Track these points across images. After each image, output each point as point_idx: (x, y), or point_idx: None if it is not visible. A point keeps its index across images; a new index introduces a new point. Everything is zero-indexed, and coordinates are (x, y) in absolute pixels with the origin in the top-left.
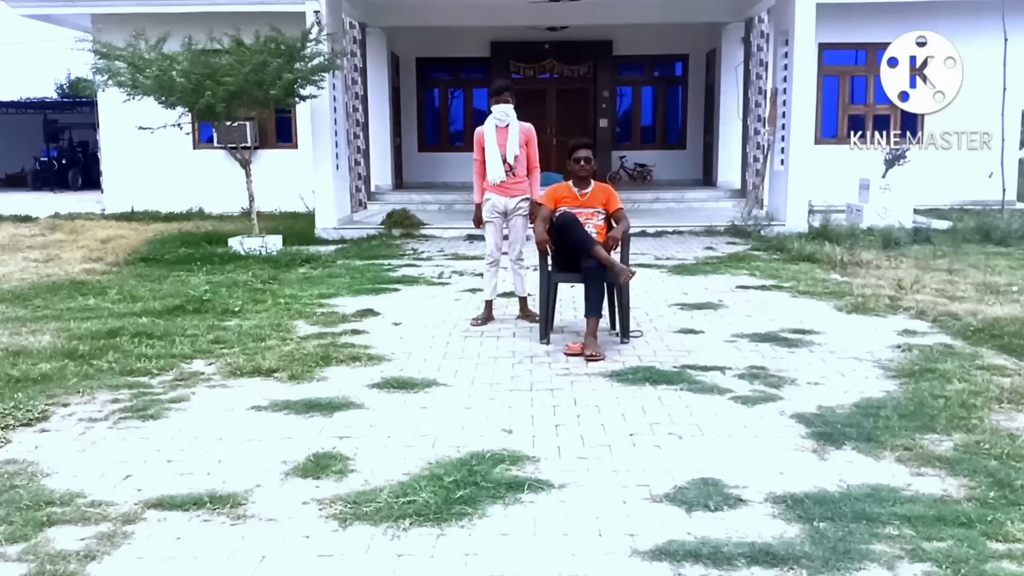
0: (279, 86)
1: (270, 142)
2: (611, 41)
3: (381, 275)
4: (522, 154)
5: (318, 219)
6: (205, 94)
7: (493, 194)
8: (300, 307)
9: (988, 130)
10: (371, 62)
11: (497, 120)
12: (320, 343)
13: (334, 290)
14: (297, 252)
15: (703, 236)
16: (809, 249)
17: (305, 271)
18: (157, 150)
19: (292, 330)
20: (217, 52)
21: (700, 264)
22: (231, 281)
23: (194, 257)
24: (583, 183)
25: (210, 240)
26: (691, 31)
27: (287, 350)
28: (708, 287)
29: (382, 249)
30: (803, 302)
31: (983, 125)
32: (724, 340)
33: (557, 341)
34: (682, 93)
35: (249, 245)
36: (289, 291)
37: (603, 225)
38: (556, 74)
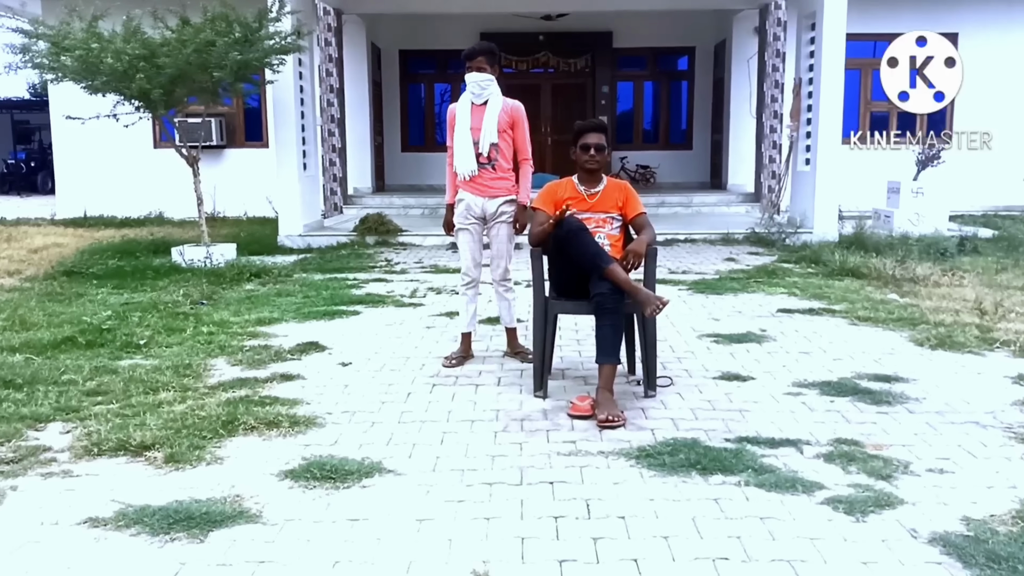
0: (227, 69)
1: (238, 140)
2: (611, 32)
3: (341, 293)
4: (505, 142)
5: (281, 225)
6: (136, 77)
7: (466, 193)
8: (226, 339)
9: (988, 130)
10: (349, 53)
11: (473, 95)
12: (232, 397)
13: (278, 314)
14: (247, 264)
15: (720, 245)
16: (852, 262)
17: (252, 288)
18: (113, 150)
19: (203, 374)
20: None
21: (725, 279)
22: (152, 302)
23: (124, 271)
24: (592, 179)
25: (156, 249)
26: (698, 21)
27: (179, 410)
28: (742, 310)
29: (351, 260)
30: (868, 333)
31: (983, 125)
32: (784, 392)
33: (557, 391)
34: (688, 89)
35: (192, 256)
36: (221, 315)
37: (618, 235)
38: (551, 68)
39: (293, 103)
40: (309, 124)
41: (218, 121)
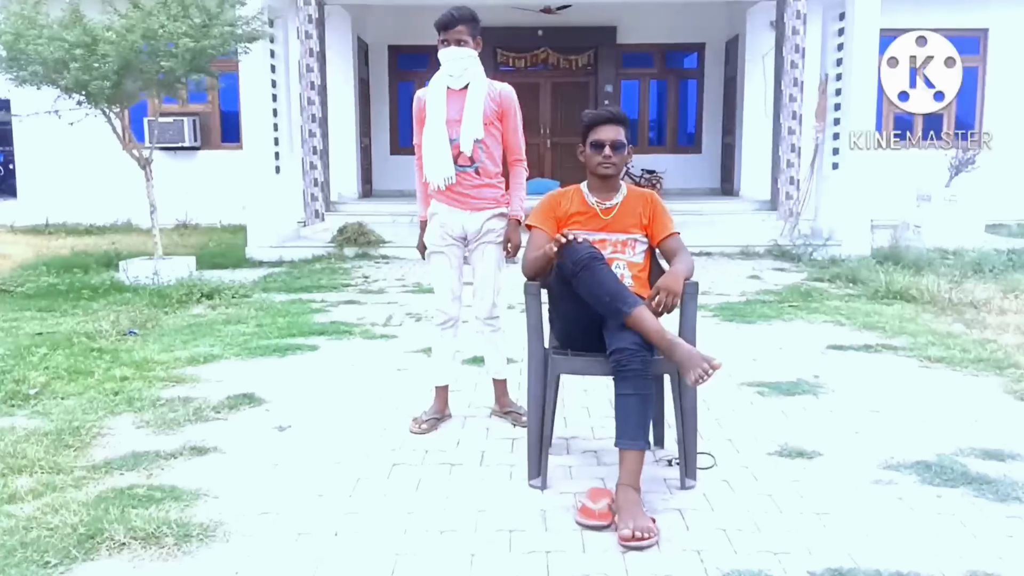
0: (178, 59)
1: (213, 141)
2: (615, 27)
3: (302, 320)
4: (492, 137)
5: (250, 236)
6: (71, 67)
7: (442, 205)
8: (141, 386)
9: (987, 130)
10: (333, 47)
11: (450, 77)
12: (113, 486)
13: (219, 348)
14: (200, 283)
15: (739, 259)
16: (900, 283)
17: (199, 312)
18: (79, 151)
19: (90, 444)
20: None
21: (754, 303)
22: (71, 332)
23: (58, 290)
24: (607, 188)
25: (109, 262)
26: (709, 15)
27: (28, 512)
28: (783, 345)
29: (323, 276)
30: (946, 379)
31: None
32: (869, 479)
33: (560, 473)
34: (697, 88)
35: (137, 272)
36: (147, 351)
37: (642, 263)
38: (551, 65)
39: (264, 100)
40: (284, 124)
41: (191, 120)
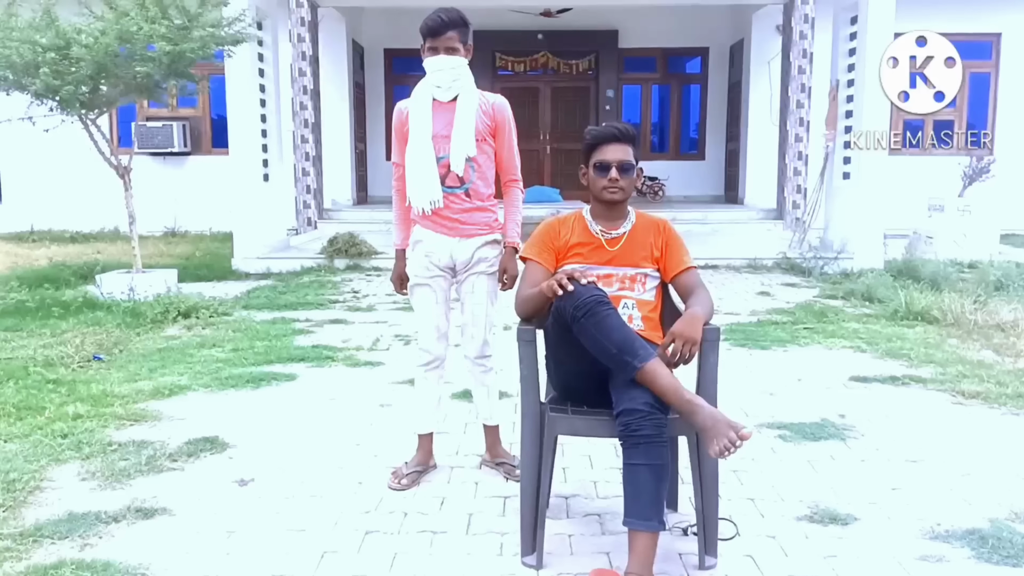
0: (155, 62)
1: (204, 146)
2: (616, 31)
3: (283, 343)
4: (484, 155)
5: (237, 246)
6: (41, 72)
7: (427, 232)
8: (94, 427)
9: (985, 130)
10: (326, 51)
11: (437, 88)
12: (35, 564)
13: (188, 378)
14: (178, 300)
15: (747, 272)
16: (921, 302)
17: (174, 333)
18: (64, 156)
19: (23, 503)
20: None
21: (766, 325)
22: (30, 358)
23: (26, 307)
24: (614, 215)
25: (87, 274)
26: (713, 19)
27: None
28: (802, 376)
29: (310, 291)
30: (985, 419)
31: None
32: (916, 555)
33: (559, 548)
34: (700, 93)
35: (112, 287)
36: (110, 380)
37: (653, 303)
38: (551, 69)
39: (251, 104)
40: (274, 130)
41: (181, 125)
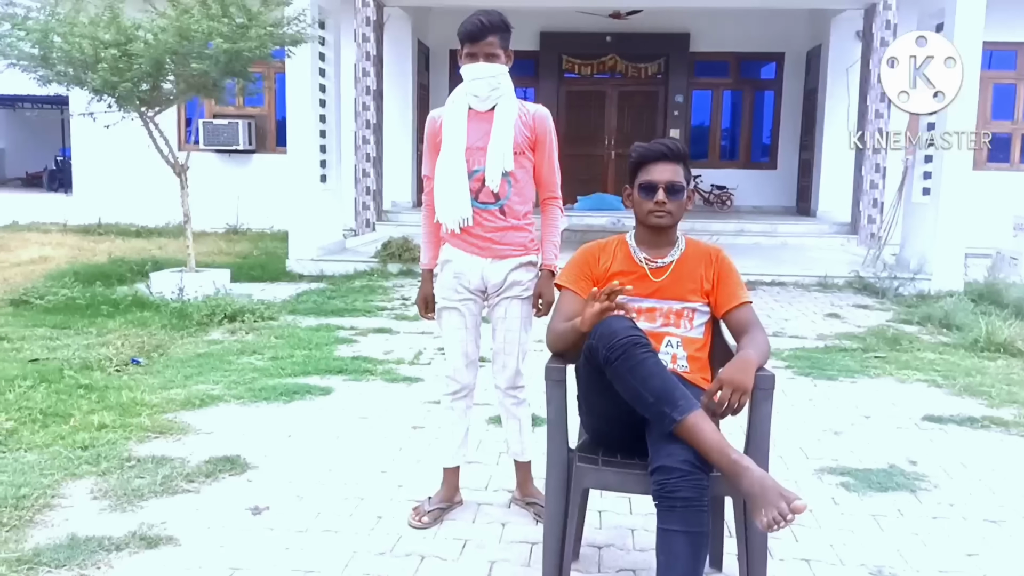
0: (211, 60)
1: (269, 145)
2: (688, 34)
3: (323, 353)
4: (523, 169)
5: (292, 247)
6: (98, 68)
7: (457, 251)
8: (117, 438)
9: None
10: (391, 51)
11: (475, 97)
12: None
13: (222, 387)
14: (225, 302)
15: (816, 291)
16: (1004, 332)
17: (216, 337)
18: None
19: (29, 522)
20: None
21: (833, 351)
22: (68, 360)
23: (77, 304)
24: (660, 241)
25: (142, 271)
26: (789, 23)
27: None
28: (870, 413)
29: (360, 297)
30: None
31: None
32: None
33: None
34: (774, 100)
35: (162, 286)
36: (144, 387)
37: (702, 340)
38: (619, 73)
39: (310, 105)
40: (333, 130)
41: (247, 123)
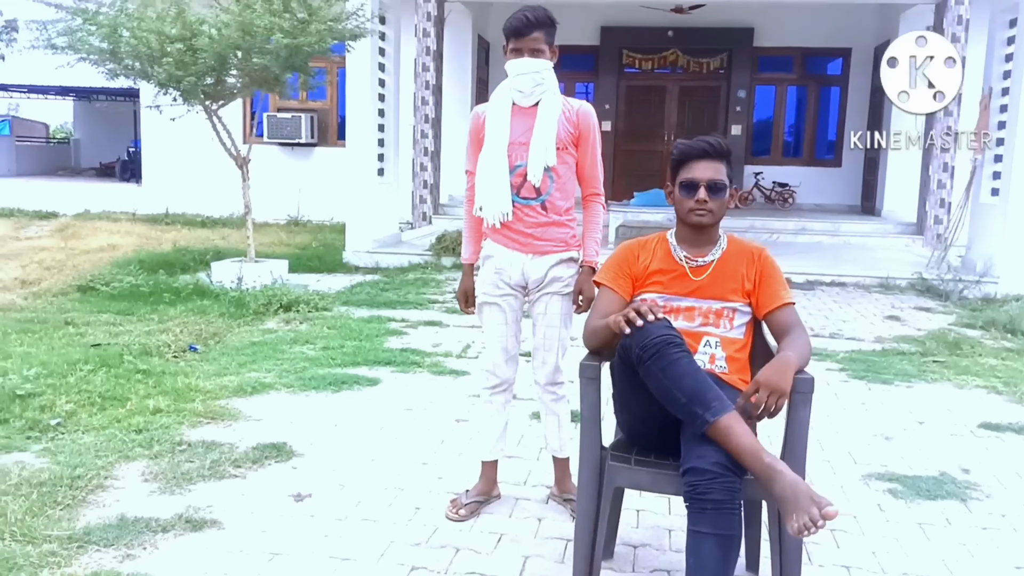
0: (271, 55)
1: (331, 138)
2: (752, 29)
3: (373, 344)
4: (565, 165)
5: (348, 239)
6: (163, 62)
7: (498, 247)
8: (171, 423)
9: None
10: (451, 46)
11: (519, 93)
12: (69, 574)
13: (275, 375)
14: (281, 292)
15: (877, 292)
16: None
17: (272, 327)
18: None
19: (82, 501)
20: None
21: (891, 355)
22: (128, 345)
23: (140, 292)
24: (701, 240)
25: (204, 260)
26: (857, 18)
27: None
28: (924, 419)
29: (412, 289)
30: None
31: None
32: None
33: None
34: (840, 96)
35: (222, 276)
36: (199, 373)
37: (742, 341)
38: (680, 68)
39: (369, 99)
40: (391, 124)
41: (309, 117)
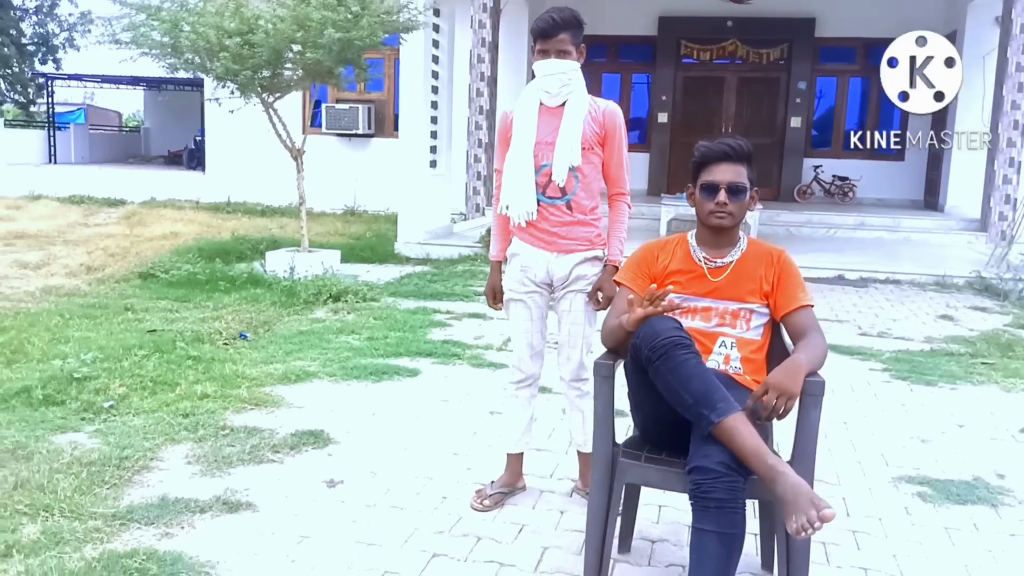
0: (324, 49)
1: (387, 129)
2: (813, 19)
3: (416, 336)
4: (591, 164)
5: (400, 230)
6: (220, 56)
7: (524, 245)
8: (216, 408)
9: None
10: (506, 37)
11: (546, 93)
12: (110, 551)
13: (319, 364)
14: (331, 282)
15: (932, 291)
16: None
17: (320, 316)
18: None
19: (127, 481)
20: None
21: (938, 355)
22: (182, 332)
23: (197, 279)
24: (721, 242)
25: (261, 248)
26: (922, 7)
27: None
28: (964, 422)
29: (460, 281)
30: None
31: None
32: None
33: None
34: None
35: (275, 265)
36: (247, 360)
37: (759, 342)
38: (739, 59)
39: (421, 90)
40: (444, 115)
41: (367, 108)
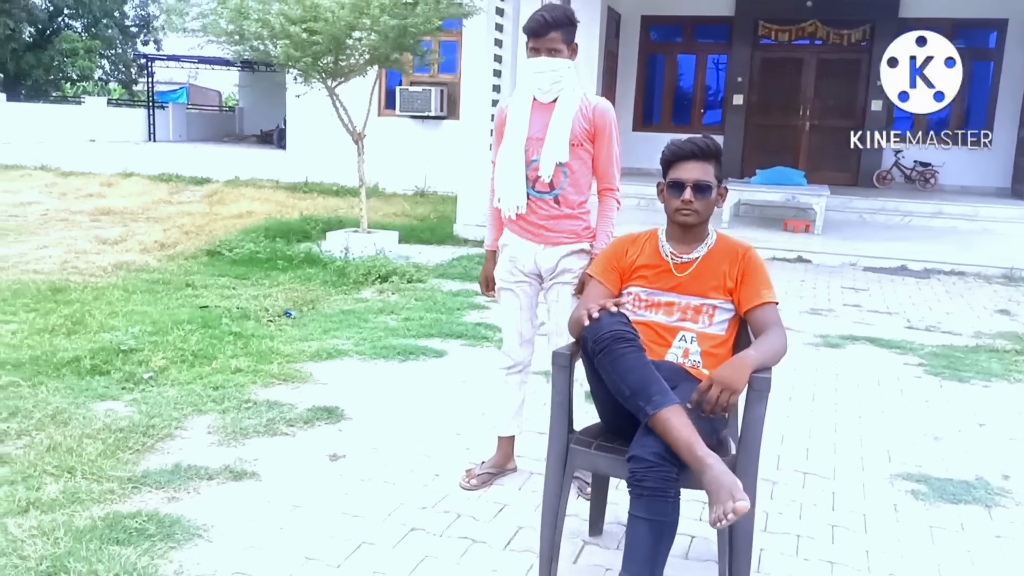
0: (381, 35)
1: (458, 111)
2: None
3: (451, 318)
4: (580, 160)
5: (460, 212)
6: (280, 43)
7: (514, 237)
8: (246, 382)
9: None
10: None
11: (538, 90)
12: (116, 512)
13: (353, 343)
14: (380, 263)
15: (997, 284)
16: None
17: (365, 296)
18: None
19: (149, 447)
20: None
21: (981, 352)
22: (230, 308)
23: (258, 258)
24: (688, 238)
25: (327, 228)
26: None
27: (14, 533)
28: (986, 420)
29: None
30: None
31: None
32: None
33: (592, 573)
34: (993, 71)
35: (331, 245)
36: (286, 337)
37: (723, 338)
38: (819, 40)
39: (483, 72)
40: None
41: (439, 90)
